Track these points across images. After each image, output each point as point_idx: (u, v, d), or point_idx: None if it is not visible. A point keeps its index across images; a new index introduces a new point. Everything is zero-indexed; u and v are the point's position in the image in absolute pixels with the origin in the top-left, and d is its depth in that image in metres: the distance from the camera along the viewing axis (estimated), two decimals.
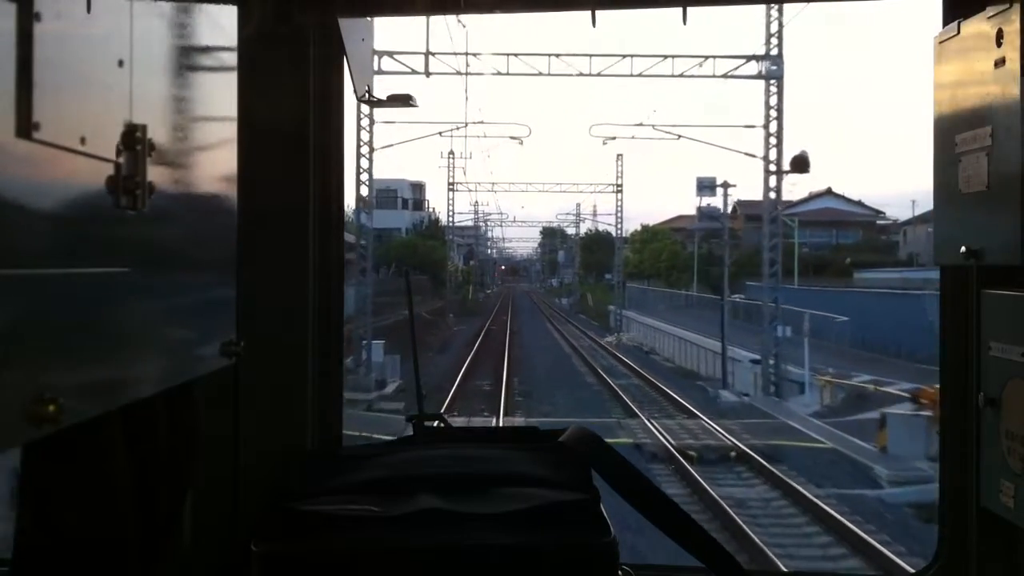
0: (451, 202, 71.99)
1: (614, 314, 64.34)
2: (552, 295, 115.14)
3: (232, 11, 2.35)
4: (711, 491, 16.60)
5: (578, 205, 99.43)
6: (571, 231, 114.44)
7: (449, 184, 69.39)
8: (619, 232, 72.51)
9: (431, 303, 65.20)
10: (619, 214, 70.49)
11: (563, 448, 2.68)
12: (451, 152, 66.31)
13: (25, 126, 1.35)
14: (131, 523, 2.09)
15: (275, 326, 3.07)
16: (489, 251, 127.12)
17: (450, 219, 73.29)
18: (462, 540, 2.27)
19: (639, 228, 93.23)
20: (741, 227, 76.77)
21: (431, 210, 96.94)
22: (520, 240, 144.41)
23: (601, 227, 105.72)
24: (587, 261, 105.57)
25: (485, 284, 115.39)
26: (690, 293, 70.19)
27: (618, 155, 68.23)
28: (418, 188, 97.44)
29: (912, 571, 3.38)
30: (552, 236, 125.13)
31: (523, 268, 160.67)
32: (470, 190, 74.17)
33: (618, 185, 69.32)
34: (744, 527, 14.38)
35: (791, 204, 78.57)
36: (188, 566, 2.80)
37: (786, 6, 34.64)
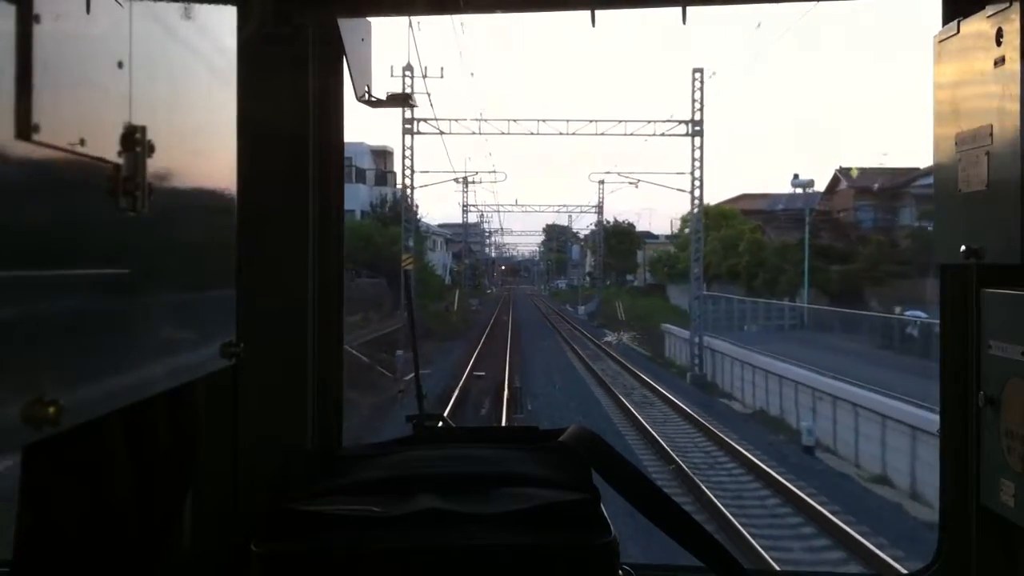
0: (408, 152, 41.73)
1: (687, 343, 38.44)
2: (560, 300, 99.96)
3: (232, 11, 2.35)
4: None
5: (601, 183, 73.29)
6: (576, 227, 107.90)
7: (405, 122, 40.51)
8: (698, 200, 40.40)
9: (385, 322, 40.29)
10: (697, 169, 39.33)
11: (563, 448, 2.68)
12: (407, 65, 39.21)
13: (25, 127, 1.35)
14: (131, 523, 2.10)
15: (275, 327, 3.07)
16: (486, 249, 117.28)
17: (406, 179, 43.45)
18: (462, 540, 2.27)
19: (692, 212, 50.95)
20: (846, 205, 57.89)
21: (399, 186, 58.47)
22: (522, 234, 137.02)
23: (623, 218, 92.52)
24: (606, 260, 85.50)
25: (482, 287, 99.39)
26: (796, 304, 43.91)
27: (695, 70, 38.72)
28: (382, 156, 69.93)
29: (911, 571, 3.38)
30: (559, 232, 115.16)
31: (524, 268, 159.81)
32: (441, 132, 42.02)
33: (695, 121, 38.66)
34: None
35: (911, 175, 52.02)
36: (188, 566, 2.80)
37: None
